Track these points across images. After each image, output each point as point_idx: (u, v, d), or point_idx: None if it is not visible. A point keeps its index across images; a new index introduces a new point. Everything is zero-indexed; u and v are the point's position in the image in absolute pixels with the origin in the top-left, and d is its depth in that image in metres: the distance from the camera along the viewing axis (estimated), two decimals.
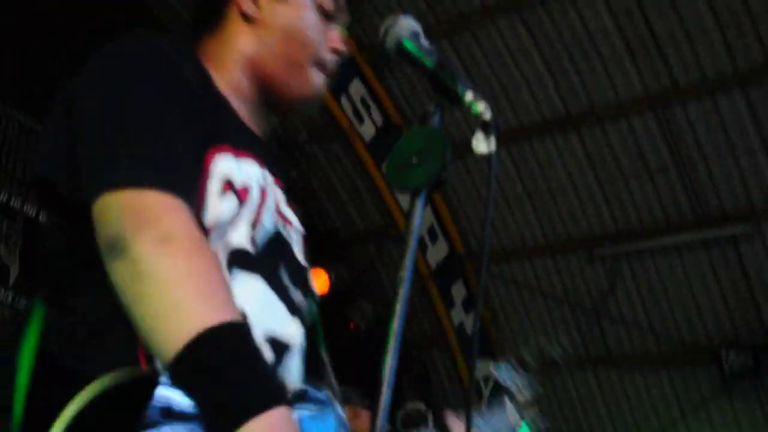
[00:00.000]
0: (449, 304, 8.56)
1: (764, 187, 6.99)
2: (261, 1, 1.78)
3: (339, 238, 8.72)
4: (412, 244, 1.48)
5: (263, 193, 1.61)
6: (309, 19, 1.81)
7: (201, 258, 1.29)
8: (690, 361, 7.80)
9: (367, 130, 7.71)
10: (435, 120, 1.62)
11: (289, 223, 1.70)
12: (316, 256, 7.78)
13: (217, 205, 1.50)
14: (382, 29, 1.68)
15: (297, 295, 1.64)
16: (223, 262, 1.48)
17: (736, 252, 7.29)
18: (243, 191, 1.56)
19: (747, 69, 6.55)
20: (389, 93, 7.69)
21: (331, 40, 1.84)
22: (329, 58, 1.84)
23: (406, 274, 1.44)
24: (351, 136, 7.66)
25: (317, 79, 1.81)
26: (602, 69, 7.11)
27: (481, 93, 1.63)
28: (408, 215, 1.50)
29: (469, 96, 1.59)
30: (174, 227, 1.29)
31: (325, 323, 1.86)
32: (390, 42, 1.68)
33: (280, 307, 1.58)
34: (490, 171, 1.55)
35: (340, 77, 7.53)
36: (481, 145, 1.56)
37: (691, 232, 7.35)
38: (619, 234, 7.68)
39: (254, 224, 1.58)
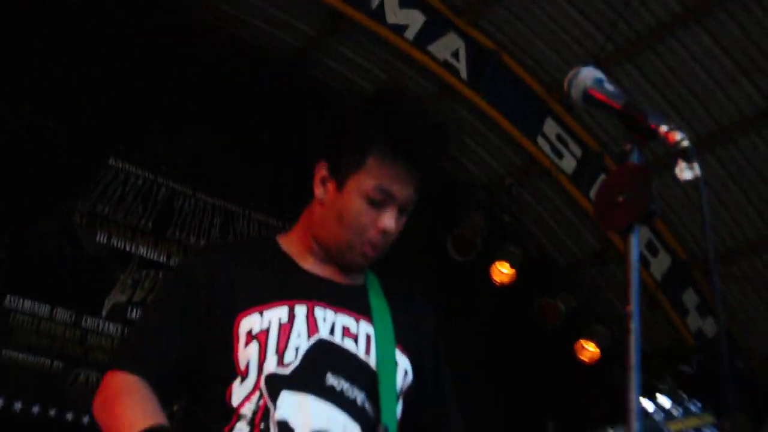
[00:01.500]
0: (683, 312, 8.27)
1: None
2: (328, 187, 2.21)
3: (560, 269, 8.60)
4: (634, 279, 1.50)
5: (285, 325, 2.06)
6: (358, 208, 2.15)
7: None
8: None
9: (568, 163, 7.65)
10: (634, 157, 1.62)
11: (353, 336, 2.14)
12: (542, 290, 7.78)
13: (244, 352, 2.03)
14: (565, 83, 1.74)
15: (355, 393, 2.07)
16: (264, 386, 2.00)
17: None
18: (261, 334, 2.04)
19: None
20: (583, 124, 7.59)
21: (379, 222, 2.16)
22: (377, 238, 2.17)
23: (633, 308, 1.48)
24: (554, 172, 7.59)
25: (364, 254, 2.20)
26: None
27: (675, 105, 1.58)
28: (624, 252, 1.54)
29: (663, 128, 1.59)
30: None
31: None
32: (576, 94, 1.72)
33: (327, 408, 2.01)
34: (701, 196, 1.62)
35: (532, 119, 7.58)
36: (686, 172, 1.56)
37: None
38: None
39: (279, 350, 2.03)
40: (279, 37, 7.70)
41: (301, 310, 2.08)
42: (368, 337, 2.14)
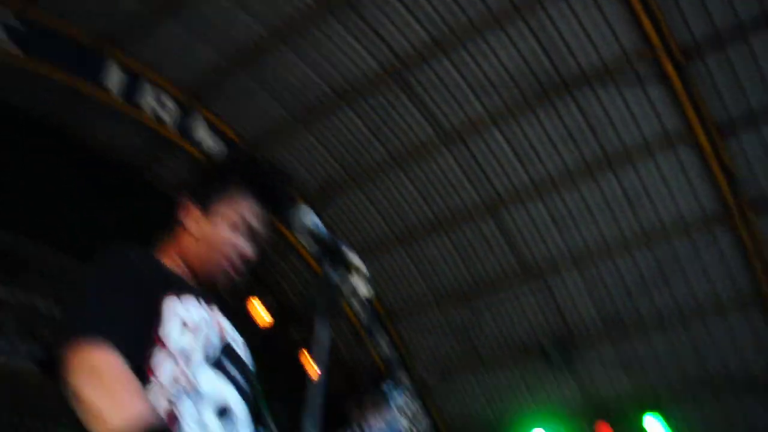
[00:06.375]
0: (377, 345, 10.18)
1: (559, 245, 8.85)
2: (199, 221, 2.11)
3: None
4: (324, 358, 1.80)
5: (207, 324, 1.98)
6: (225, 235, 2.10)
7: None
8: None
9: None
10: (329, 272, 1.92)
11: (234, 339, 2.11)
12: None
13: (180, 339, 1.88)
14: (289, 215, 2.02)
15: (242, 382, 2.07)
16: (196, 366, 1.88)
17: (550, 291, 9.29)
18: (195, 328, 1.92)
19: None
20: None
21: (242, 250, 2.11)
22: (239, 263, 2.11)
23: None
24: None
25: (228, 275, 2.12)
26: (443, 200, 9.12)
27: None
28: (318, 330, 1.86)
29: (350, 256, 1.89)
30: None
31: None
32: (296, 223, 1.99)
33: (230, 389, 1.99)
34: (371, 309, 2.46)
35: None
36: (363, 289, 1.83)
37: (521, 284, 9.31)
38: (476, 287, 9.62)
39: (205, 346, 1.94)
40: (119, 146, 8.20)
41: (208, 310, 1.97)
42: (244, 344, 2.13)
